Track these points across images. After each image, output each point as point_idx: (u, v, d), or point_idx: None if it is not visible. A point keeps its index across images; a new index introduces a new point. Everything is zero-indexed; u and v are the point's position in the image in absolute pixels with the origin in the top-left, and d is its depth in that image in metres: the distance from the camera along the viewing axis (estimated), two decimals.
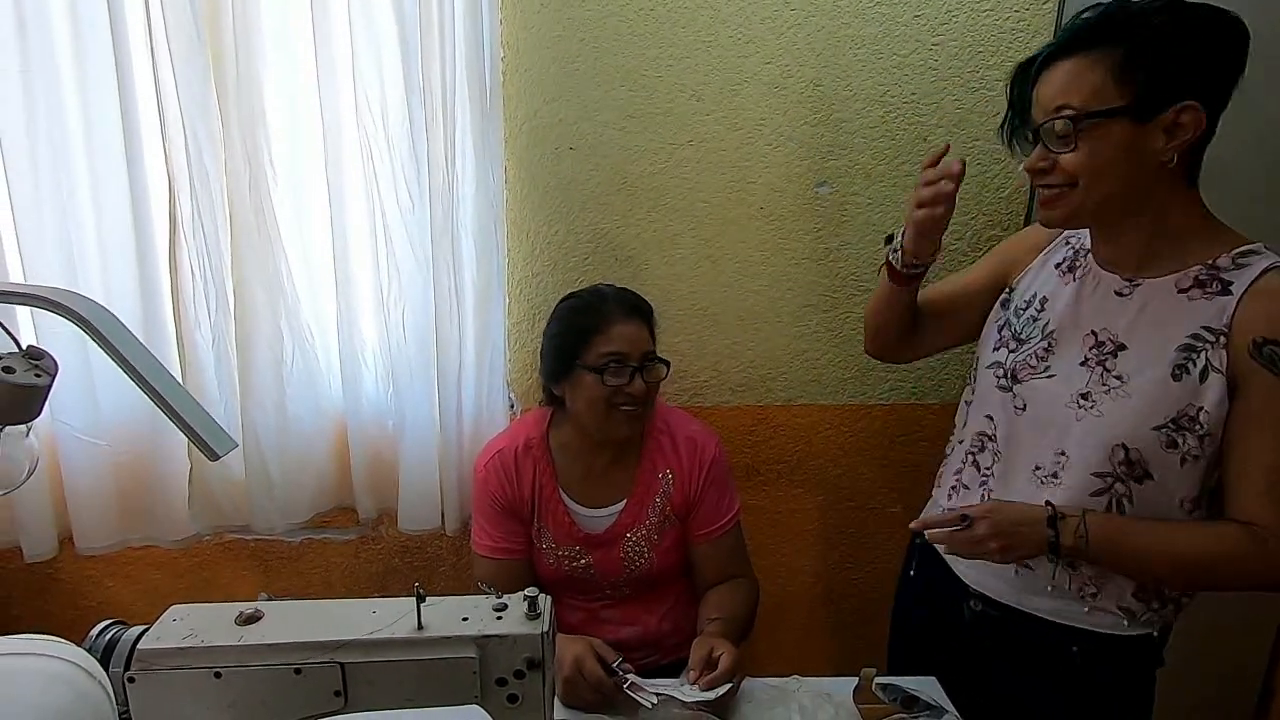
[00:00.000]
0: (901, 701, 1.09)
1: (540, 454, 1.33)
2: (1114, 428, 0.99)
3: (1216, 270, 0.96)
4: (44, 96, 1.31)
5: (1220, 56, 0.92)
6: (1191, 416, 0.95)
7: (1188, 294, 0.97)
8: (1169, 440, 0.96)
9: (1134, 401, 0.98)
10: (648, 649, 1.37)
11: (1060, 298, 1.09)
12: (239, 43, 1.32)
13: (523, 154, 1.52)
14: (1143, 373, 0.98)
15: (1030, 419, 1.08)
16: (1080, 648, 1.07)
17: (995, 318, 1.18)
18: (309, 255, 1.48)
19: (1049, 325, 1.09)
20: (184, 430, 0.68)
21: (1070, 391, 1.04)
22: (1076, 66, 0.94)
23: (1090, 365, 1.03)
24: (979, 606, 1.14)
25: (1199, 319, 0.95)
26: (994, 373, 1.13)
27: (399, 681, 0.79)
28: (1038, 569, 1.07)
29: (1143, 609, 1.04)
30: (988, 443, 1.15)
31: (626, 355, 1.24)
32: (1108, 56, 0.92)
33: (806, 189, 1.55)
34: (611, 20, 1.46)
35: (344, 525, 1.68)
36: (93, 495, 1.48)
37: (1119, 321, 1.02)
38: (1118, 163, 0.94)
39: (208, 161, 1.36)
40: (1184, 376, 0.96)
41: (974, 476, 1.16)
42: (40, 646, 0.65)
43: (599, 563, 1.34)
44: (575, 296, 1.34)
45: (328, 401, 1.55)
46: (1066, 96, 0.94)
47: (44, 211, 1.35)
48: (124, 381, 0.71)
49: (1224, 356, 0.93)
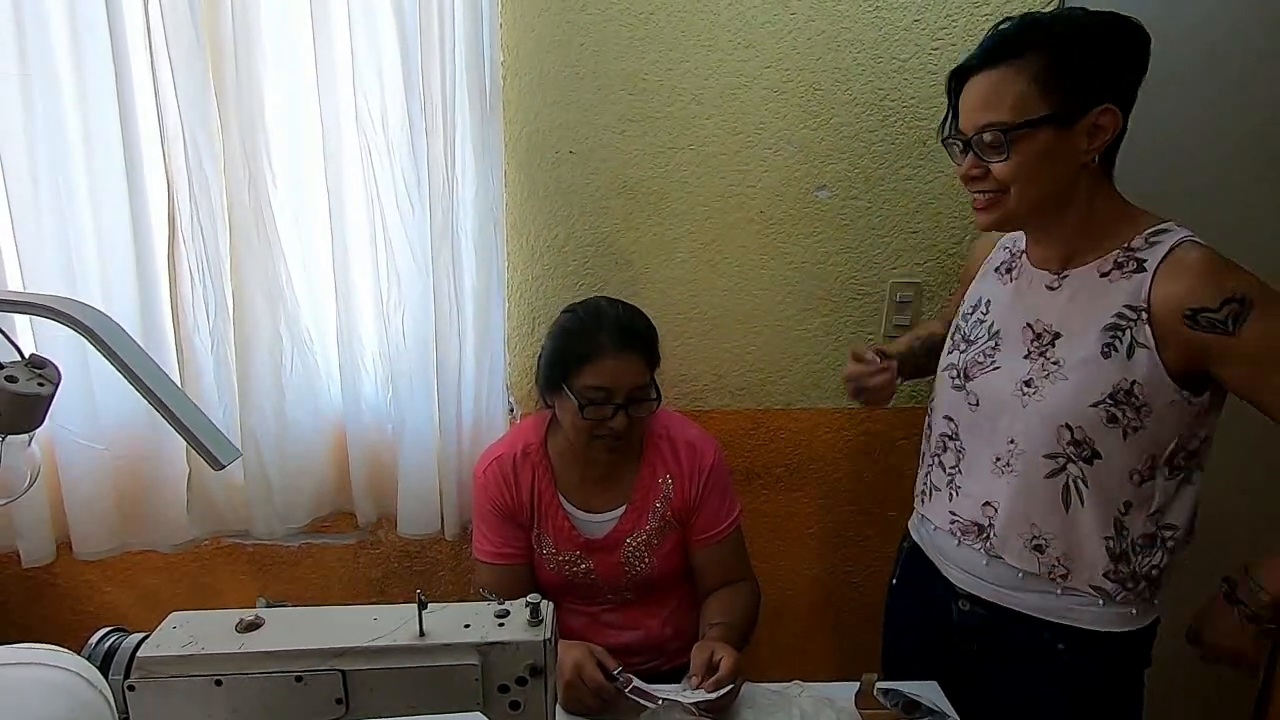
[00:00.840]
0: (903, 706, 1.09)
1: (539, 459, 1.33)
2: (1055, 408, 1.04)
3: (1132, 251, 1.02)
4: (42, 100, 1.30)
5: (1129, 60, 0.99)
6: (1126, 390, 1.01)
7: (1109, 277, 1.04)
8: (1109, 415, 1.01)
9: (1070, 382, 1.04)
10: (649, 654, 1.36)
11: (1000, 298, 1.16)
12: (238, 46, 1.32)
13: (523, 158, 1.52)
14: (1076, 354, 1.04)
15: (983, 413, 1.14)
16: (1066, 645, 1.10)
17: (951, 329, 1.24)
18: (308, 260, 1.48)
19: (994, 325, 1.15)
20: (188, 439, 0.67)
21: (1014, 381, 1.09)
22: (1001, 77, 0.99)
23: (1033, 357, 1.09)
24: (967, 606, 1.17)
25: (1120, 299, 1.01)
26: (949, 375, 1.19)
27: (401, 688, 0.78)
28: (1006, 555, 1.11)
29: (1117, 589, 1.07)
30: (949, 443, 1.20)
31: (611, 392, 1.22)
32: (1030, 66, 0.98)
33: (806, 193, 1.55)
34: (612, 24, 1.46)
35: (343, 530, 1.67)
36: (91, 500, 1.47)
37: (1052, 312, 1.08)
38: (1045, 167, 1.00)
39: (207, 166, 1.36)
40: (1113, 354, 1.01)
41: (941, 476, 1.21)
42: (41, 656, 0.65)
43: (599, 568, 1.33)
44: (572, 313, 1.31)
45: (327, 406, 1.54)
46: (995, 109, 1.00)
47: (43, 216, 1.35)
48: (123, 386, 0.70)
49: (1147, 332, 0.99)
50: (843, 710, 1.09)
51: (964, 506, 1.16)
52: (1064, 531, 1.07)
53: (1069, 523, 1.07)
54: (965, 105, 1.03)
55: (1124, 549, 1.06)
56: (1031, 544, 1.09)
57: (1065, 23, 1.00)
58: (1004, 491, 1.10)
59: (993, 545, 1.12)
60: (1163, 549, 1.07)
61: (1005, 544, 1.11)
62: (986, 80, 1.00)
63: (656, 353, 1.30)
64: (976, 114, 1.01)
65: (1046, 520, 1.08)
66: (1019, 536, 1.10)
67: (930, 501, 1.23)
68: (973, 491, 1.15)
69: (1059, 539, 1.07)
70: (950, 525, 1.18)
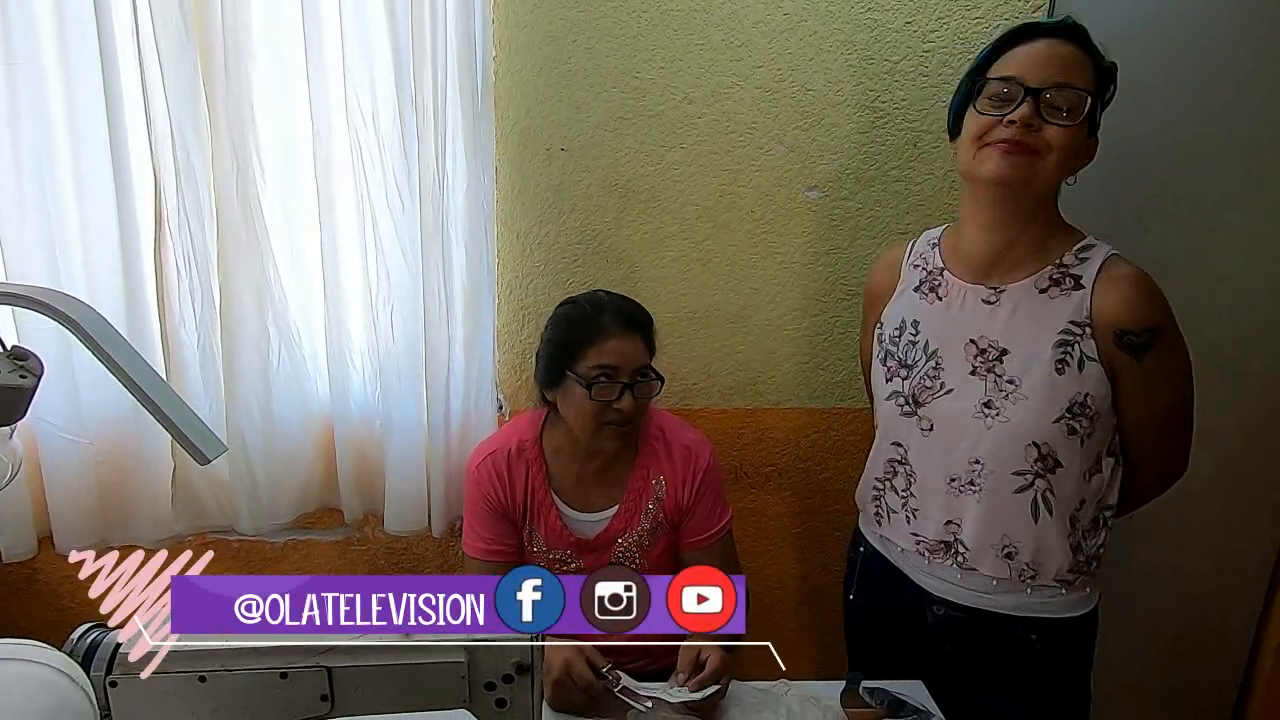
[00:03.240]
0: (888, 705, 1.10)
1: (534, 457, 1.33)
2: (1021, 428, 1.07)
3: (1065, 268, 1.07)
4: (27, 91, 1.29)
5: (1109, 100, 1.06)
6: (1081, 402, 1.05)
7: (1047, 293, 1.07)
8: (1069, 428, 1.06)
9: (1032, 401, 1.06)
10: (636, 654, 1.36)
11: (930, 317, 1.17)
12: (227, 39, 1.31)
13: (514, 155, 1.51)
14: (1031, 373, 1.07)
15: (939, 437, 1.15)
16: (1038, 635, 1.13)
17: (876, 354, 1.24)
18: (297, 255, 1.47)
19: (929, 345, 1.16)
20: (174, 434, 0.67)
21: (972, 404, 1.11)
22: (1079, 54, 1.02)
23: (980, 374, 1.11)
24: (942, 611, 1.19)
25: (1065, 315, 1.05)
26: (895, 402, 1.19)
27: (386, 686, 0.78)
28: (980, 568, 1.14)
29: (1075, 576, 1.12)
30: (899, 467, 1.21)
31: (617, 370, 1.23)
32: (1092, 66, 1.03)
33: (797, 193, 1.55)
34: (604, 22, 1.46)
35: (329, 526, 1.66)
36: (74, 494, 1.46)
37: (994, 327, 1.10)
38: (1076, 152, 1.04)
39: (194, 159, 1.34)
40: (1066, 369, 1.05)
41: (896, 500, 1.23)
42: (23, 652, 0.64)
43: (590, 567, 1.33)
44: (573, 303, 1.32)
45: (314, 402, 1.53)
46: (1077, 76, 1.01)
47: (27, 208, 1.33)
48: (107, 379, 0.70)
49: (1094, 345, 1.04)
50: (829, 709, 1.10)
51: (926, 528, 1.18)
52: (1032, 539, 1.10)
53: (1038, 531, 1.10)
54: (1039, 58, 1.02)
55: (1078, 540, 1.11)
56: (1003, 553, 1.12)
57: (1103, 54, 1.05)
58: (970, 509, 1.13)
59: (965, 560, 1.15)
60: (1105, 528, 1.13)
61: (979, 557, 1.14)
62: (1067, 48, 1.02)
63: (654, 340, 1.31)
64: (1057, 72, 1.01)
65: (1016, 531, 1.11)
66: (991, 548, 1.13)
67: (889, 524, 1.25)
68: (932, 513, 1.17)
69: (1027, 547, 1.11)
70: (916, 546, 1.20)
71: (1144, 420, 1.08)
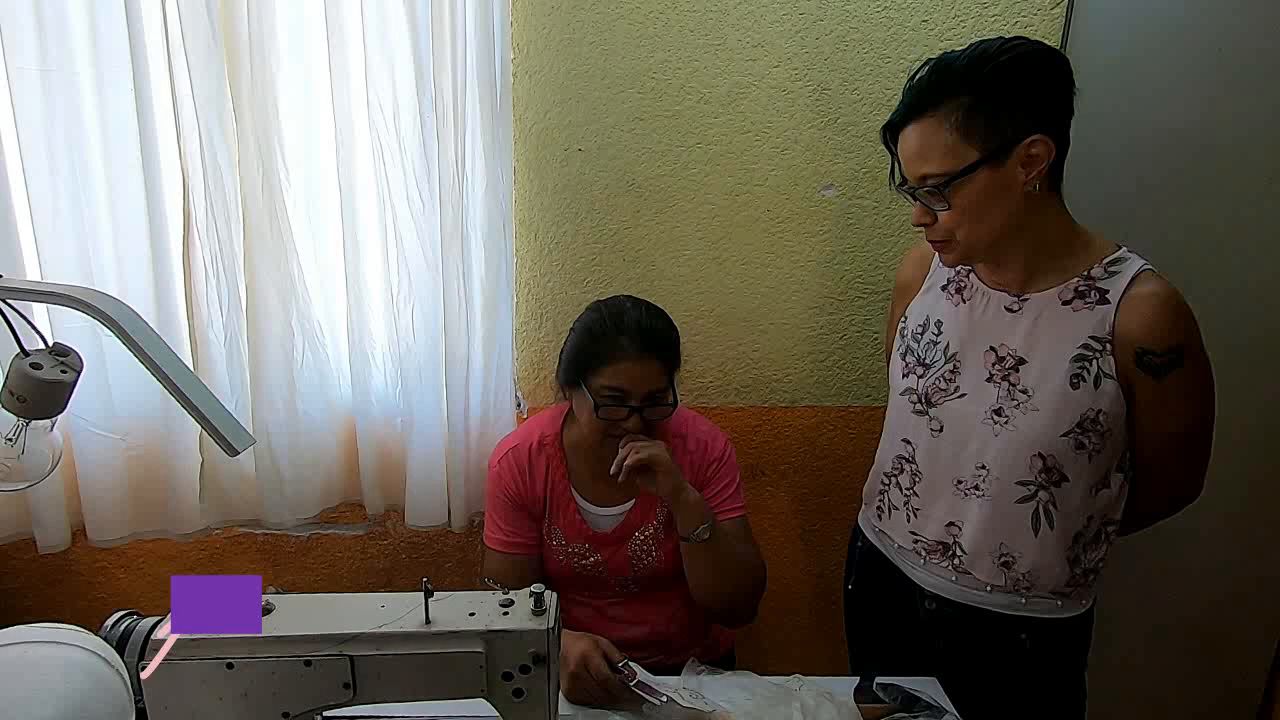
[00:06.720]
0: (902, 701, 1.10)
1: (554, 451, 1.35)
2: (1028, 438, 1.07)
3: (1092, 280, 1.04)
4: (61, 96, 1.33)
5: (1048, 86, 0.99)
6: (1092, 419, 1.04)
7: (1071, 305, 1.05)
8: (1077, 443, 1.05)
9: (1042, 414, 1.06)
10: (654, 648, 1.38)
11: (953, 319, 1.16)
12: (253, 44, 1.34)
13: (532, 155, 1.53)
14: (1045, 385, 1.06)
15: (948, 438, 1.15)
16: (1029, 635, 1.14)
17: (897, 347, 1.24)
18: (320, 255, 1.50)
19: (950, 347, 1.15)
20: (205, 427, 0.69)
21: (982, 409, 1.11)
22: (926, 129, 1.00)
23: (996, 381, 1.10)
24: (934, 605, 1.20)
25: (1086, 329, 1.03)
26: (908, 399, 1.20)
27: (406, 674, 0.80)
28: (975, 572, 1.14)
29: (1072, 589, 1.13)
30: (906, 465, 1.21)
31: (627, 394, 1.22)
32: (951, 114, 0.98)
33: (813, 192, 1.56)
34: (621, 23, 1.47)
35: (352, 521, 1.70)
36: (105, 488, 1.50)
37: (1015, 336, 1.09)
38: (988, 206, 1.01)
39: (222, 162, 1.38)
40: (1081, 384, 1.04)
41: (899, 497, 1.23)
42: (62, 635, 0.67)
43: (607, 561, 1.35)
44: (597, 311, 1.29)
45: (337, 399, 1.56)
46: (926, 163, 1.00)
47: (60, 209, 1.37)
48: (138, 376, 0.73)
49: (1112, 362, 1.02)
50: (843, 704, 1.10)
51: (926, 527, 1.19)
52: (1031, 551, 1.11)
53: (1037, 544, 1.10)
54: (903, 156, 1.04)
55: (1078, 554, 1.11)
56: (1000, 561, 1.13)
57: (978, 64, 0.98)
58: (972, 513, 1.13)
59: (961, 563, 1.15)
60: (1106, 542, 1.13)
61: (975, 563, 1.14)
62: (915, 132, 1.01)
63: (677, 356, 1.29)
64: (913, 165, 1.03)
65: (1015, 541, 1.11)
66: (989, 554, 1.13)
67: (889, 519, 1.25)
68: (934, 514, 1.17)
69: (1026, 558, 1.11)
70: (914, 545, 1.21)
71: (1157, 440, 1.07)
